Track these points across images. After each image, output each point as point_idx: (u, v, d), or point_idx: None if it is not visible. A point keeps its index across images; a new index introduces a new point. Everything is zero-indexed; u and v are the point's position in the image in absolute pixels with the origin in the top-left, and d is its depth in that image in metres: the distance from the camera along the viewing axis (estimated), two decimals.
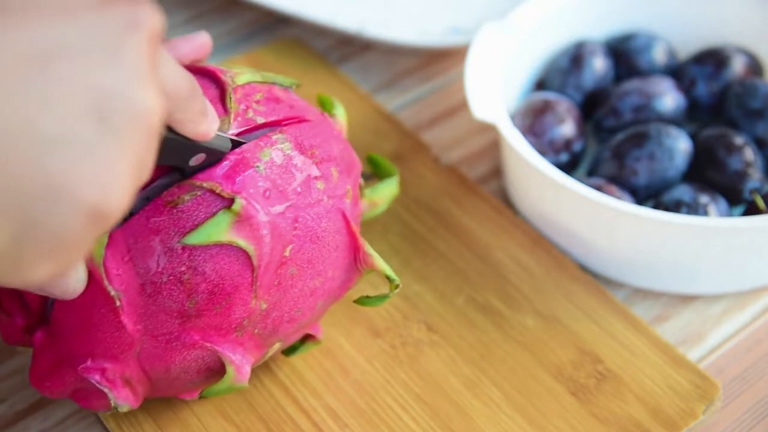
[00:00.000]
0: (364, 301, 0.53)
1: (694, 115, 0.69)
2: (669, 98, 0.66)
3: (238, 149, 0.46)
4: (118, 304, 0.45)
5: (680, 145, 0.62)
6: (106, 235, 0.44)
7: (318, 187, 0.49)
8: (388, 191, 0.58)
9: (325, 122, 0.52)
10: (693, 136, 0.64)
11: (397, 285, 0.51)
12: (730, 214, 0.61)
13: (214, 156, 0.45)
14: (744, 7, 0.70)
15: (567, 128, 0.64)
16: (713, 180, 0.63)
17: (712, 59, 0.68)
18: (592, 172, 0.65)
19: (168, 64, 0.39)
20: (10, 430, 0.54)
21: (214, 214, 0.45)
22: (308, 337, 0.54)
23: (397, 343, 0.57)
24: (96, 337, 0.46)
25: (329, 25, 0.74)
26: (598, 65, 0.68)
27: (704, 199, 0.60)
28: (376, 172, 0.60)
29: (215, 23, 0.80)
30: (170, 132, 0.42)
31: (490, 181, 0.68)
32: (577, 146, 0.65)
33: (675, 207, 0.60)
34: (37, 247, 0.33)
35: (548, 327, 0.58)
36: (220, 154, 0.46)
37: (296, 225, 0.47)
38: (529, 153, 0.60)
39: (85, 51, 0.33)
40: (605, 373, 0.56)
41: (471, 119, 0.72)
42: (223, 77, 0.49)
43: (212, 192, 0.45)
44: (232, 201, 0.45)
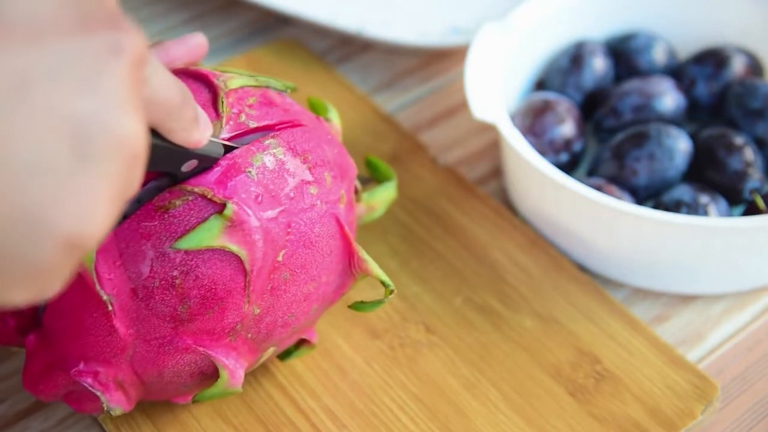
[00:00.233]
0: (359, 306, 0.53)
1: (694, 115, 0.69)
2: (669, 98, 0.66)
3: (230, 154, 0.46)
4: (110, 308, 0.45)
5: (680, 145, 0.62)
6: None
7: (311, 191, 0.48)
8: (386, 195, 0.58)
9: (320, 126, 0.52)
10: (693, 136, 0.64)
11: (392, 290, 0.51)
12: (730, 214, 0.61)
13: (207, 162, 0.45)
14: (744, 7, 0.69)
15: (567, 128, 0.64)
16: (713, 180, 0.62)
17: (712, 59, 0.68)
18: (592, 172, 0.65)
19: (158, 74, 0.38)
20: (10, 430, 0.54)
21: (206, 219, 0.45)
22: (303, 342, 0.54)
23: (395, 344, 0.57)
24: (88, 341, 0.46)
25: (329, 25, 0.74)
26: (598, 65, 0.68)
27: (704, 199, 0.60)
28: (375, 175, 0.60)
29: (215, 23, 0.80)
30: (161, 140, 0.41)
31: (489, 182, 0.68)
32: (577, 146, 0.65)
33: (675, 207, 0.60)
34: (13, 277, 0.32)
35: (546, 327, 0.58)
36: (212, 159, 0.45)
37: (289, 230, 0.47)
38: (529, 153, 0.60)
39: (63, 77, 0.32)
40: (604, 374, 0.56)
41: (471, 119, 0.72)
42: (216, 81, 0.48)
43: (204, 197, 0.45)
44: (223, 206, 0.45)
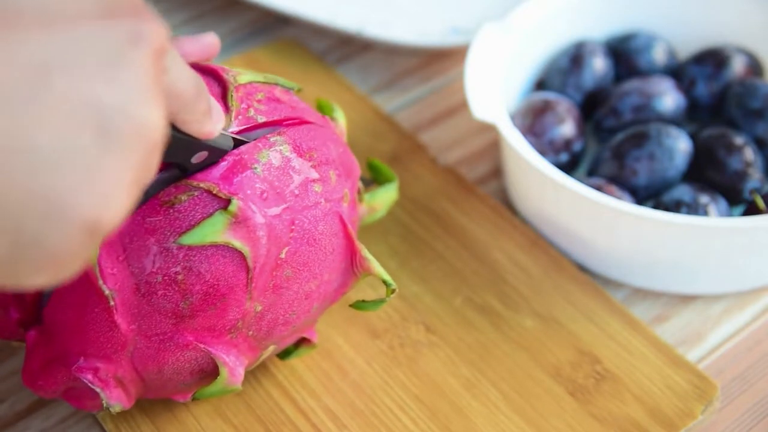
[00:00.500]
0: (360, 305, 0.53)
1: (694, 115, 0.69)
2: (669, 98, 0.66)
3: (236, 150, 0.46)
4: (111, 303, 0.45)
5: (680, 145, 0.62)
6: None
7: (316, 189, 0.48)
8: (387, 197, 0.58)
9: (326, 125, 0.52)
10: (693, 136, 0.64)
11: (394, 289, 0.51)
12: (730, 214, 0.61)
13: (217, 153, 0.46)
14: (744, 7, 0.70)
15: (567, 128, 0.64)
16: (713, 180, 0.62)
17: (712, 59, 0.68)
18: (592, 172, 0.65)
19: (177, 65, 0.39)
20: (11, 430, 0.54)
21: (211, 214, 0.45)
22: (303, 341, 0.54)
23: (395, 344, 0.57)
24: (89, 337, 0.46)
25: (329, 25, 0.74)
26: (598, 65, 0.68)
27: (704, 199, 0.60)
28: (376, 177, 0.60)
29: (215, 23, 0.80)
30: (174, 130, 0.42)
31: (489, 182, 0.68)
32: (577, 146, 0.65)
33: (675, 207, 0.60)
34: (33, 262, 0.33)
35: (546, 327, 0.58)
36: (222, 151, 0.46)
37: (293, 227, 0.47)
38: (529, 153, 0.60)
39: (86, 65, 0.33)
40: (603, 374, 0.56)
41: (471, 119, 0.72)
42: (225, 76, 0.49)
43: (209, 192, 0.45)
44: (228, 202, 0.45)
